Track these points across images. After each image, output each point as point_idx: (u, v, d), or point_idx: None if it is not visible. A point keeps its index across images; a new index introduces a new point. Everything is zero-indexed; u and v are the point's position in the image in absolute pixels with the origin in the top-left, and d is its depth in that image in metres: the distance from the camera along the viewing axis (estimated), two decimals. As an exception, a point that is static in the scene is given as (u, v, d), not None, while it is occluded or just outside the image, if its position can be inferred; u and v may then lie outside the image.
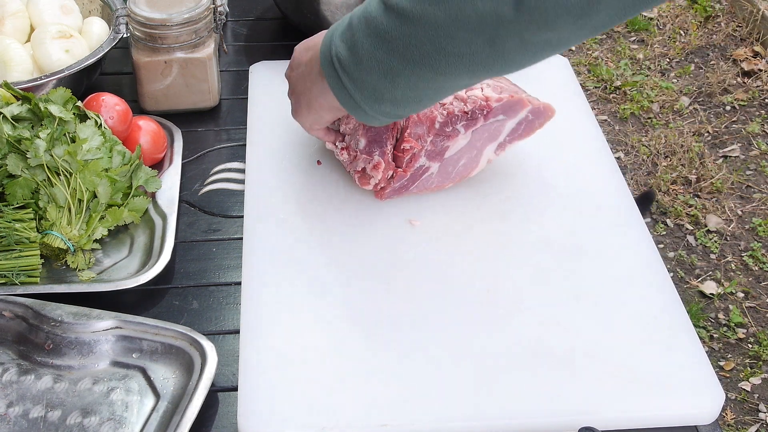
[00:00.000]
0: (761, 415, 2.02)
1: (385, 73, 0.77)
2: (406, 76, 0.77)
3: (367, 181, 1.00)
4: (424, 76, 0.76)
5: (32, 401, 0.82)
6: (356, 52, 0.78)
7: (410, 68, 0.76)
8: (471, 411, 0.81)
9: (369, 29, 0.76)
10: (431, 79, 0.76)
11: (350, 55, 0.79)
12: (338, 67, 0.81)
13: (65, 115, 0.98)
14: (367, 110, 0.83)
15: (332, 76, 0.82)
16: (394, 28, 0.74)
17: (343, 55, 0.80)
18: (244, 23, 1.44)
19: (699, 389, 0.84)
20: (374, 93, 0.80)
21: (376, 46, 0.76)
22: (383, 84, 0.78)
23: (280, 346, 0.86)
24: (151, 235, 0.99)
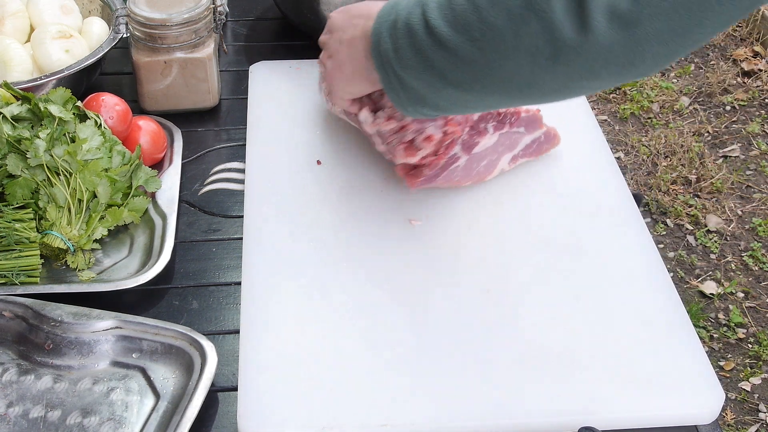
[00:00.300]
0: (761, 415, 2.02)
1: (426, 84, 0.78)
2: (447, 92, 0.77)
3: (413, 152, 0.98)
4: (464, 96, 0.77)
5: (32, 401, 0.82)
6: (400, 57, 0.78)
7: (450, 87, 0.76)
8: (471, 411, 0.81)
9: (411, 40, 0.76)
10: (471, 99, 0.77)
11: (395, 57, 0.79)
12: (385, 62, 0.80)
13: (65, 115, 0.98)
14: (408, 108, 0.83)
15: (380, 67, 0.82)
16: (433, 50, 0.74)
17: (389, 54, 0.79)
18: (244, 23, 1.44)
19: (699, 389, 0.84)
20: (417, 96, 0.80)
21: (417, 59, 0.76)
22: (426, 92, 0.79)
23: (280, 346, 0.86)
24: (151, 235, 0.99)
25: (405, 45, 0.77)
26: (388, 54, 0.79)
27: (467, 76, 0.74)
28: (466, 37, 0.71)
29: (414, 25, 0.75)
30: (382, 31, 0.80)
